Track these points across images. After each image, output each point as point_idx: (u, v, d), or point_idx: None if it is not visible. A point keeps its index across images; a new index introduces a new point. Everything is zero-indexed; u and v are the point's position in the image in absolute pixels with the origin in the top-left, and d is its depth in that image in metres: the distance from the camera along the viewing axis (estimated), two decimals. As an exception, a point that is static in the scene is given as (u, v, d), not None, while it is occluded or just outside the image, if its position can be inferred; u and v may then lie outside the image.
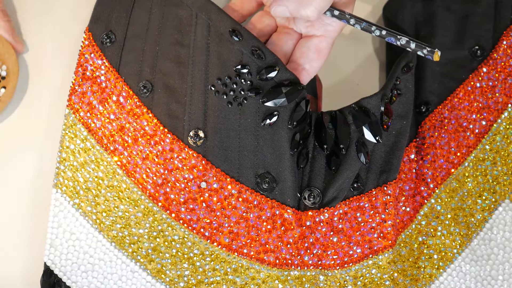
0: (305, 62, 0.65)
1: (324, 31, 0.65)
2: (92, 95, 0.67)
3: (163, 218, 0.65)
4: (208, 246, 0.65)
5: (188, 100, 0.65)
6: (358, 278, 0.66)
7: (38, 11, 0.74)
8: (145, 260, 0.66)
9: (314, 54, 0.65)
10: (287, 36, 0.67)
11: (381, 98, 0.65)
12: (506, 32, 0.72)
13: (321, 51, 0.65)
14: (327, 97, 0.72)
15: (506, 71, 0.71)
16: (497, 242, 0.69)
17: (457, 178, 0.70)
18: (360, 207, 0.66)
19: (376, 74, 0.76)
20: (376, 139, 0.64)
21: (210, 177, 0.64)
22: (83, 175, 0.66)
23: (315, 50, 0.65)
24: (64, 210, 0.66)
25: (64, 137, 0.67)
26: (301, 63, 0.65)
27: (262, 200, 0.65)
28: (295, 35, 0.67)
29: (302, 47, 0.66)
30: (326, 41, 0.65)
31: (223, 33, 0.64)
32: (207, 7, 0.65)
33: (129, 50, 0.67)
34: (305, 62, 0.65)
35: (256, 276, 0.65)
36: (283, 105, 0.63)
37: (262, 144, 0.64)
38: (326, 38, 0.65)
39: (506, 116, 0.71)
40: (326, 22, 0.65)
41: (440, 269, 0.68)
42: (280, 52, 0.66)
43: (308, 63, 0.65)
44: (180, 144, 0.65)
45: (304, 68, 0.65)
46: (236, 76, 0.64)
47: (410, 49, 0.62)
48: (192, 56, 0.65)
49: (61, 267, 0.65)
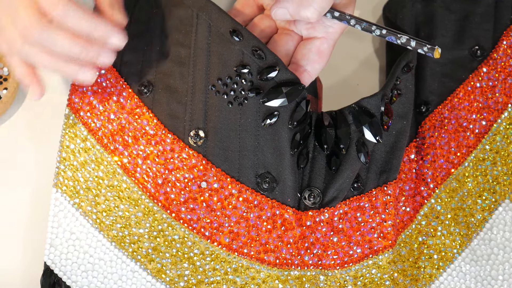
0: (307, 64, 0.65)
1: (325, 33, 0.65)
2: (92, 95, 0.67)
3: (163, 217, 0.65)
4: (208, 246, 0.65)
5: (189, 100, 0.65)
6: (358, 278, 0.66)
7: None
8: (145, 259, 0.66)
9: (316, 56, 0.65)
10: (287, 37, 0.67)
11: (381, 98, 0.65)
12: (506, 32, 0.72)
13: (323, 53, 0.65)
14: (327, 97, 0.72)
15: (506, 71, 0.71)
16: (497, 242, 0.69)
17: (457, 178, 0.70)
18: (360, 207, 0.66)
19: (376, 74, 0.76)
20: (376, 139, 0.64)
21: (210, 177, 0.64)
22: (83, 174, 0.66)
23: (317, 52, 0.65)
24: (64, 210, 0.66)
25: (64, 137, 0.67)
26: (303, 65, 0.65)
27: (262, 200, 0.65)
28: (296, 37, 0.67)
29: (303, 49, 0.66)
30: (327, 43, 0.65)
31: (224, 33, 0.64)
32: (208, 8, 0.65)
33: (130, 50, 0.67)
34: (306, 64, 0.65)
35: (256, 276, 0.65)
36: (284, 105, 0.63)
37: (262, 144, 0.64)
38: (327, 40, 0.65)
39: (506, 116, 0.71)
40: (327, 24, 0.65)
41: (440, 269, 0.68)
42: (280, 53, 0.66)
43: (309, 65, 0.65)
44: (180, 144, 0.65)
45: (305, 70, 0.65)
46: (237, 76, 0.64)
47: (410, 47, 0.62)
48: (192, 56, 0.65)
49: (61, 266, 0.65)
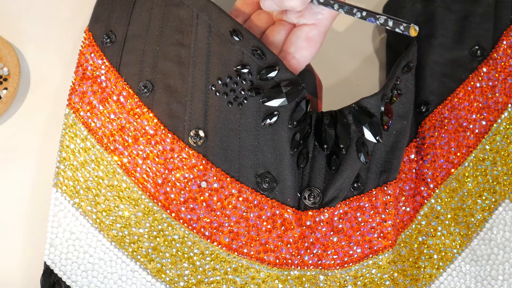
0: (295, 50, 0.65)
1: (315, 20, 0.65)
2: (92, 95, 0.67)
3: (163, 217, 0.65)
4: (208, 246, 0.65)
5: (189, 100, 0.65)
6: (358, 278, 0.66)
7: (38, 11, 0.74)
8: (145, 259, 0.66)
9: (304, 42, 0.65)
10: (280, 27, 0.67)
11: (381, 98, 0.65)
12: (506, 32, 0.72)
13: (311, 40, 0.65)
14: (327, 97, 0.72)
15: (506, 71, 0.71)
16: (497, 242, 0.69)
17: (457, 178, 0.70)
18: (360, 207, 0.66)
19: (376, 74, 0.76)
20: (376, 139, 0.64)
21: (210, 177, 0.65)
22: (83, 174, 0.66)
23: (305, 39, 0.65)
24: (64, 210, 0.66)
25: (64, 137, 0.67)
26: (291, 52, 0.65)
27: (262, 200, 0.65)
28: (288, 26, 0.67)
29: (292, 36, 0.66)
30: (317, 29, 0.65)
31: (224, 33, 0.64)
32: (208, 8, 0.65)
33: (130, 50, 0.67)
34: (295, 50, 0.65)
35: (256, 276, 0.65)
36: (283, 105, 0.63)
37: (262, 144, 0.64)
38: (317, 27, 0.65)
39: (506, 116, 0.71)
40: (316, 10, 0.65)
41: (440, 269, 0.68)
42: (273, 42, 0.67)
43: (298, 52, 0.65)
44: (180, 143, 0.65)
45: (294, 57, 0.65)
46: (237, 76, 0.64)
47: (389, 27, 0.62)
48: (192, 56, 0.65)
49: (61, 266, 0.65)
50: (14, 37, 0.73)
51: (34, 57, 0.72)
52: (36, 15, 0.73)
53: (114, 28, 0.68)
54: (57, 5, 0.74)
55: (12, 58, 0.71)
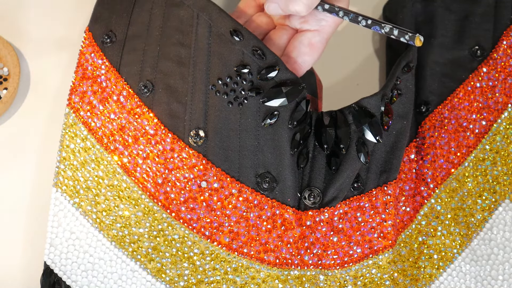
0: (297, 55, 0.65)
1: (318, 26, 0.65)
2: (92, 95, 0.67)
3: (163, 217, 0.65)
4: (208, 246, 0.65)
5: (189, 100, 0.65)
6: (358, 278, 0.66)
7: (38, 11, 0.74)
8: (145, 259, 0.66)
9: (307, 48, 0.65)
10: (282, 32, 0.68)
11: (381, 98, 0.65)
12: (506, 32, 0.72)
13: (314, 46, 0.66)
14: (327, 97, 0.72)
15: (506, 71, 0.71)
16: (497, 242, 0.69)
17: (457, 178, 0.70)
18: (360, 207, 0.66)
19: (376, 74, 0.76)
20: (377, 139, 0.64)
21: (210, 177, 0.65)
22: (83, 174, 0.66)
23: (308, 45, 0.65)
24: (64, 209, 0.66)
25: (64, 136, 0.67)
26: (293, 57, 0.65)
27: (262, 200, 0.65)
28: (290, 31, 0.68)
29: (295, 41, 0.66)
30: (319, 36, 0.65)
31: (224, 33, 0.64)
32: (208, 8, 0.65)
33: (130, 50, 0.67)
34: (297, 55, 0.65)
35: (256, 276, 0.65)
36: (284, 105, 0.63)
37: (262, 144, 0.64)
38: (319, 33, 0.65)
39: (506, 116, 0.71)
40: (320, 17, 0.65)
41: (440, 269, 0.68)
42: (274, 46, 0.67)
43: (300, 57, 0.65)
44: (180, 143, 0.65)
45: (295, 62, 0.65)
46: (237, 76, 0.64)
47: (394, 36, 0.62)
48: (193, 56, 0.65)
49: (61, 266, 0.65)
50: (14, 37, 0.73)
51: (34, 57, 0.72)
52: (36, 15, 0.73)
53: (114, 28, 0.68)
54: (57, 5, 0.74)
55: (12, 58, 0.71)
